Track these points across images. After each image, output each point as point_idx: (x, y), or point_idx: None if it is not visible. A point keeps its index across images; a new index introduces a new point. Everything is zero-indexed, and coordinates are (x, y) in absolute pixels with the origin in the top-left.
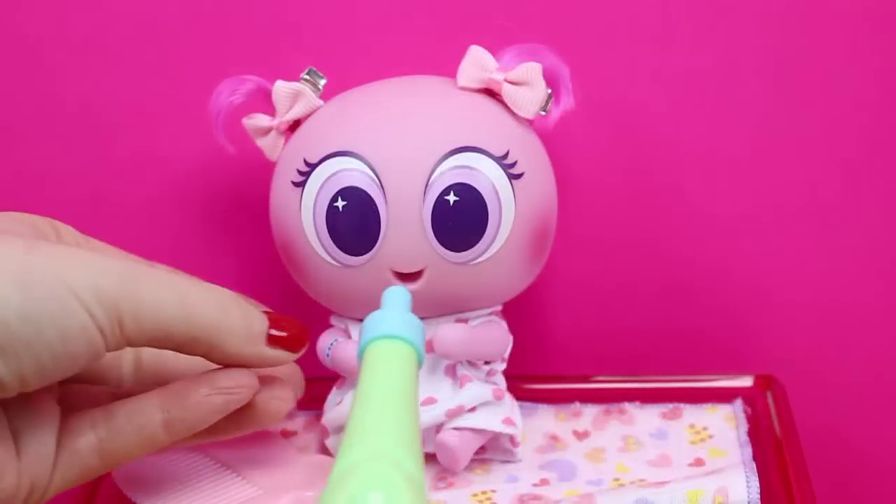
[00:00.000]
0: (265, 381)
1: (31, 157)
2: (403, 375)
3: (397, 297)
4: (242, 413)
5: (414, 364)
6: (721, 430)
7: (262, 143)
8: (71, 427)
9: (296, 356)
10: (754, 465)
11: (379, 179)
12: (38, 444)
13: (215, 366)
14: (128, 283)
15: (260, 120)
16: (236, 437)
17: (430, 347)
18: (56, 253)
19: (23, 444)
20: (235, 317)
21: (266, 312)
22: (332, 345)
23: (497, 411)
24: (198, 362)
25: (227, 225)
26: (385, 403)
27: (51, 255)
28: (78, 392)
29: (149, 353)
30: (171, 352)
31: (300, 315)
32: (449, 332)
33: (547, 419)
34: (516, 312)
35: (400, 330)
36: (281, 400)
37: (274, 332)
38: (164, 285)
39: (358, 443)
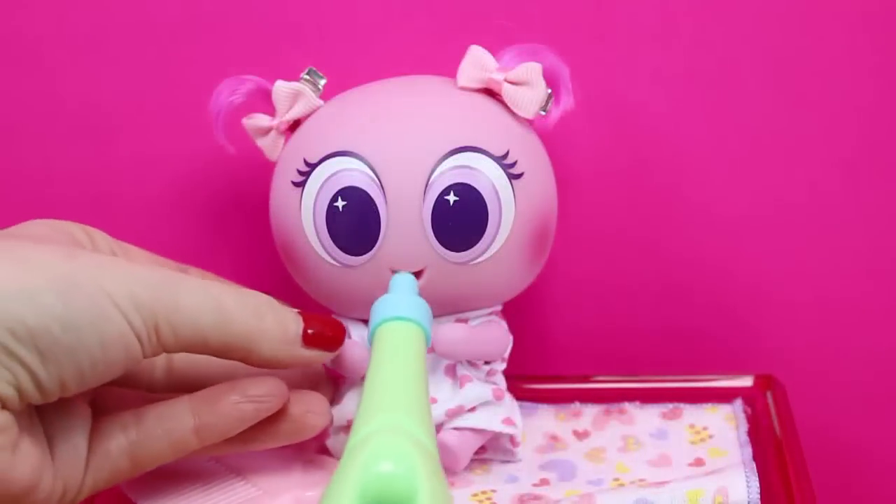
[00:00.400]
0: (301, 395)
1: (31, 157)
2: (412, 354)
3: (404, 282)
4: (279, 425)
5: (422, 343)
6: (721, 430)
7: (262, 142)
8: (102, 429)
9: (333, 355)
10: (754, 465)
11: (379, 179)
12: (71, 448)
13: (248, 371)
14: (164, 291)
15: (260, 120)
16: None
17: (430, 347)
18: (95, 262)
19: (56, 447)
20: (270, 321)
21: (301, 313)
22: None
23: (497, 411)
24: (229, 367)
25: (226, 225)
26: (395, 380)
27: (90, 263)
28: (109, 395)
29: (180, 357)
30: (202, 356)
31: None
32: (449, 332)
33: (547, 419)
34: (516, 312)
35: (407, 312)
36: (317, 414)
37: (311, 332)
38: (199, 293)
39: (370, 417)
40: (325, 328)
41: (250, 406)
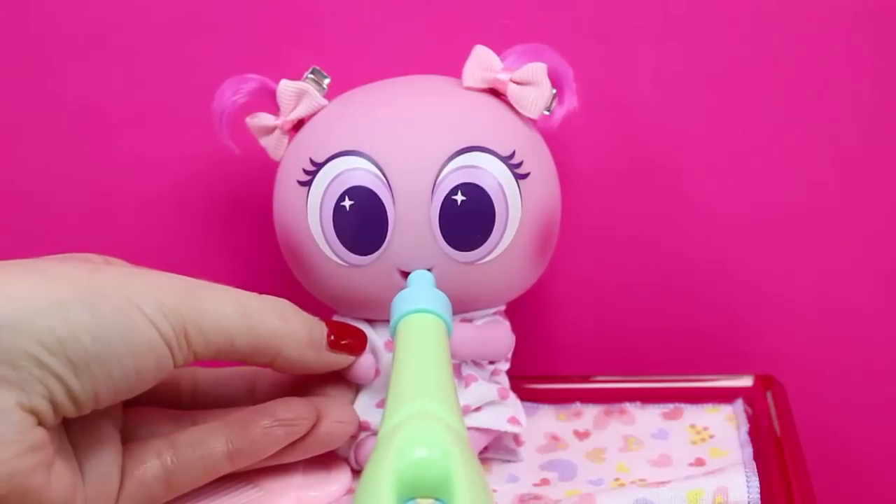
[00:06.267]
0: (329, 405)
1: (31, 157)
2: (437, 343)
3: (422, 277)
4: (309, 439)
5: (444, 334)
6: (722, 429)
7: (266, 142)
8: (135, 456)
9: (356, 358)
10: (755, 465)
11: (386, 179)
12: (103, 474)
13: (271, 382)
14: (190, 296)
15: (264, 119)
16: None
17: None
18: (119, 273)
19: (87, 472)
20: (295, 323)
21: (322, 320)
22: None
23: (502, 410)
24: (253, 383)
25: (227, 225)
26: (422, 368)
27: (115, 275)
28: (139, 421)
29: (205, 376)
30: (227, 375)
31: None
32: (456, 332)
33: (548, 419)
34: (517, 312)
35: (429, 304)
36: (346, 423)
37: (333, 337)
38: (224, 297)
39: (401, 404)
40: (347, 333)
41: (281, 430)
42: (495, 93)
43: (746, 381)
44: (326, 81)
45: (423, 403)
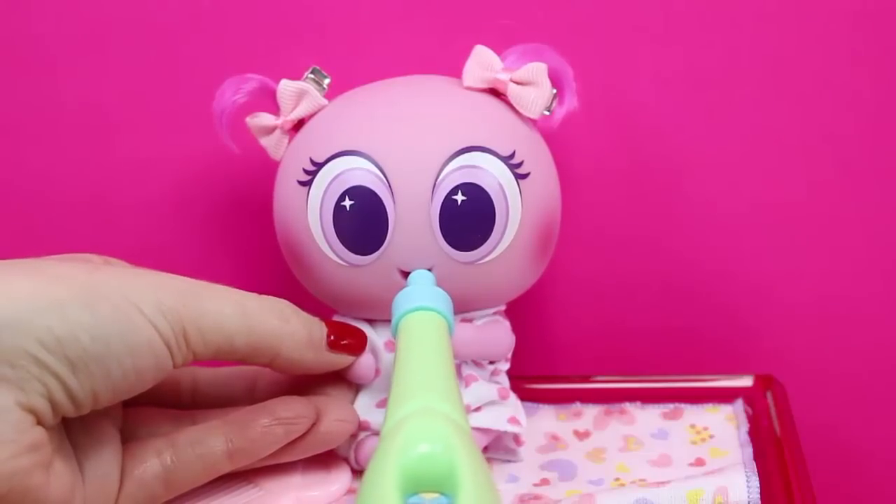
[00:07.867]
0: (329, 403)
1: (31, 157)
2: (438, 341)
3: (422, 277)
4: (310, 437)
5: (446, 331)
6: (722, 429)
7: (266, 142)
8: (135, 456)
9: (356, 358)
10: (755, 465)
11: (386, 179)
12: (102, 474)
13: (271, 381)
14: (188, 296)
15: (264, 119)
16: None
17: None
18: (118, 273)
19: (87, 472)
20: (295, 323)
21: (322, 320)
22: None
23: (503, 410)
24: (252, 383)
25: (227, 225)
26: (424, 365)
27: (113, 275)
28: (139, 421)
29: (205, 376)
30: (227, 375)
31: None
32: (457, 332)
33: (548, 419)
34: (517, 312)
35: (431, 302)
36: (346, 422)
37: (333, 337)
38: (223, 297)
39: (404, 401)
40: (347, 333)
41: (281, 429)
42: (495, 93)
43: (746, 381)
44: (326, 81)
45: (426, 399)
